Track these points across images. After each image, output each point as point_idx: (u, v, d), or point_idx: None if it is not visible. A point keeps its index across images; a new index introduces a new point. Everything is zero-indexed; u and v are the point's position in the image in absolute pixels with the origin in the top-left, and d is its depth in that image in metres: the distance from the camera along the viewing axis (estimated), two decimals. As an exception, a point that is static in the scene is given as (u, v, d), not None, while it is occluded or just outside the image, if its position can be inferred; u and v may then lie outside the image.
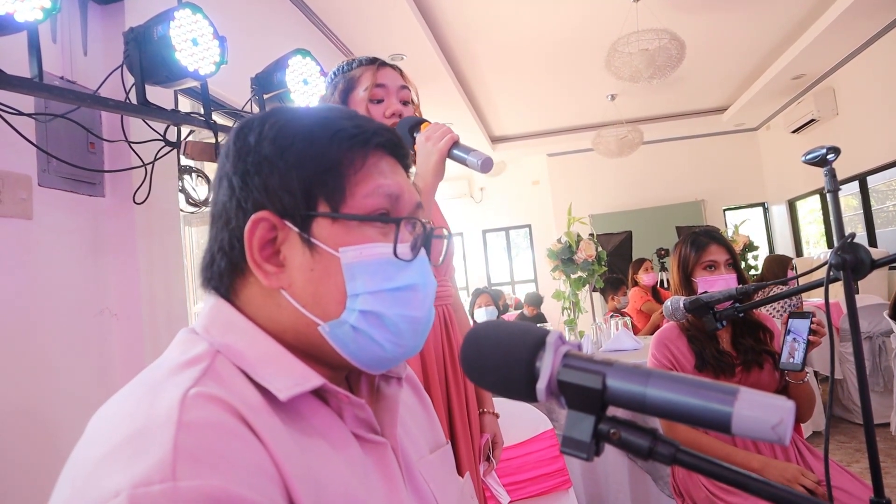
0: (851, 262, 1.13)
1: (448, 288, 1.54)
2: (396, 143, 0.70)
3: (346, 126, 0.66)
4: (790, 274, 4.23)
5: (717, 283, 1.89)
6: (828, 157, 1.21)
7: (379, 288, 0.64)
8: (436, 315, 1.43)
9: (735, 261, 1.97)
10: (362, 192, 0.65)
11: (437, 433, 0.86)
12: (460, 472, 1.36)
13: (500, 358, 0.58)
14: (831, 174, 1.21)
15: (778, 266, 4.42)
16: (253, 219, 0.63)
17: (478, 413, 1.54)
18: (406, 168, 0.73)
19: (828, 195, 1.22)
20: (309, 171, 0.64)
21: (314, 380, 0.62)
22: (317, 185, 0.64)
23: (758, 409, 0.47)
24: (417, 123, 1.40)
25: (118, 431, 0.51)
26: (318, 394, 0.65)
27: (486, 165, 1.27)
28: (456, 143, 1.32)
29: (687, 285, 1.97)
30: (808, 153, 1.25)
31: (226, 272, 0.66)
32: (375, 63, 1.46)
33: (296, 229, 0.64)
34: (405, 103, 1.46)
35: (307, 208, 0.64)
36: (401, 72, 1.49)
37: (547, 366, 0.55)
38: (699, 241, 1.99)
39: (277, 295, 0.64)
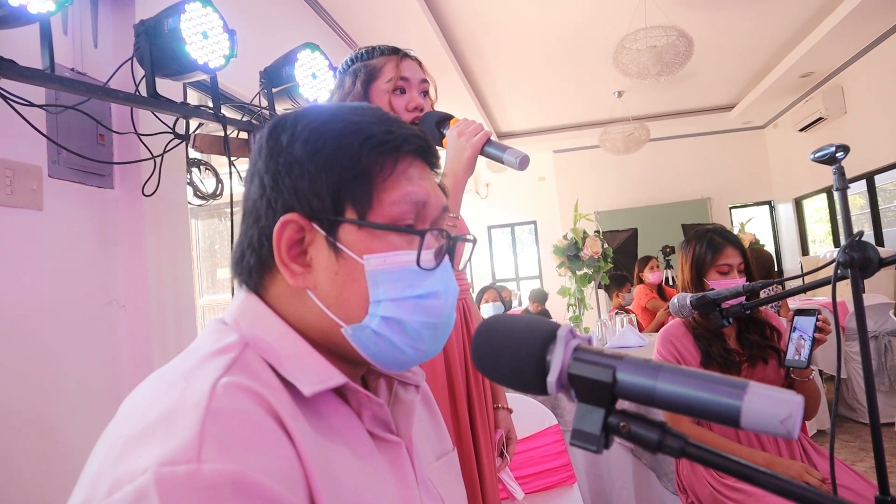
0: (859, 261, 1.13)
1: (465, 282, 1.53)
2: (426, 148, 0.70)
3: (377, 132, 0.66)
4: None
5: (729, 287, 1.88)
6: (837, 154, 1.21)
7: (401, 295, 0.65)
8: (456, 309, 1.43)
9: (748, 265, 1.95)
10: (390, 199, 0.66)
11: (443, 441, 0.87)
12: (480, 465, 1.37)
13: (511, 351, 0.58)
14: (840, 172, 1.21)
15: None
16: (282, 220, 0.64)
17: (493, 408, 1.53)
18: (434, 168, 0.73)
19: (836, 193, 1.22)
20: (338, 177, 0.65)
21: (337, 378, 0.64)
22: (345, 190, 0.65)
23: (767, 403, 0.48)
24: (445, 118, 1.38)
25: (149, 413, 0.53)
26: (339, 392, 0.67)
27: (523, 163, 1.24)
28: (489, 140, 1.30)
29: (698, 285, 1.95)
30: (818, 151, 1.25)
31: (255, 268, 0.68)
32: (398, 53, 1.44)
33: (323, 233, 0.65)
34: (424, 95, 1.44)
35: (335, 213, 0.65)
36: (420, 63, 1.47)
37: (558, 359, 0.55)
38: (715, 241, 1.95)
39: (304, 294, 0.66)
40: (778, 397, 0.47)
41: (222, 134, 2.07)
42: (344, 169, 0.65)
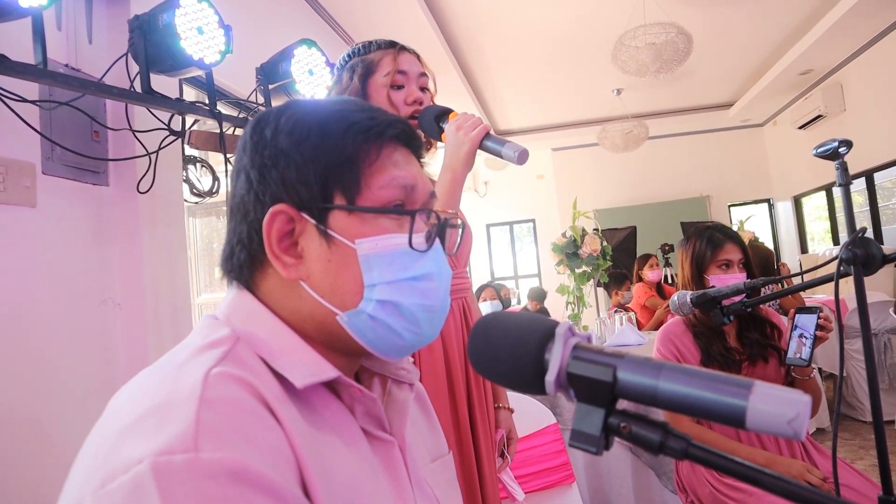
0: (863, 257, 1.12)
1: (466, 280, 1.52)
2: (410, 134, 0.71)
3: (360, 119, 0.67)
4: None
5: (729, 283, 1.87)
6: (840, 150, 1.20)
7: (395, 278, 0.65)
8: (455, 307, 1.42)
9: (748, 260, 1.94)
10: (377, 183, 0.66)
11: (439, 443, 0.86)
12: (480, 465, 1.36)
13: (509, 349, 0.57)
14: (843, 167, 1.19)
15: None
16: (271, 211, 0.64)
17: (494, 407, 1.52)
18: (419, 158, 0.73)
19: (839, 189, 1.21)
20: (325, 164, 0.65)
21: (330, 371, 0.63)
22: (333, 177, 0.65)
23: (773, 404, 0.46)
24: (444, 113, 1.36)
25: (141, 405, 0.53)
26: (332, 387, 0.66)
27: (522, 157, 1.23)
28: (488, 134, 1.29)
29: (699, 282, 1.95)
30: (820, 146, 1.23)
31: (245, 264, 0.68)
32: (395, 47, 1.42)
33: (313, 221, 0.65)
34: (423, 90, 1.42)
35: (323, 201, 0.65)
36: (419, 57, 1.45)
37: (556, 357, 0.54)
38: (715, 237, 1.94)
39: (297, 286, 0.65)
40: (785, 397, 0.46)
41: (218, 130, 2.05)
42: (330, 156, 0.65)
